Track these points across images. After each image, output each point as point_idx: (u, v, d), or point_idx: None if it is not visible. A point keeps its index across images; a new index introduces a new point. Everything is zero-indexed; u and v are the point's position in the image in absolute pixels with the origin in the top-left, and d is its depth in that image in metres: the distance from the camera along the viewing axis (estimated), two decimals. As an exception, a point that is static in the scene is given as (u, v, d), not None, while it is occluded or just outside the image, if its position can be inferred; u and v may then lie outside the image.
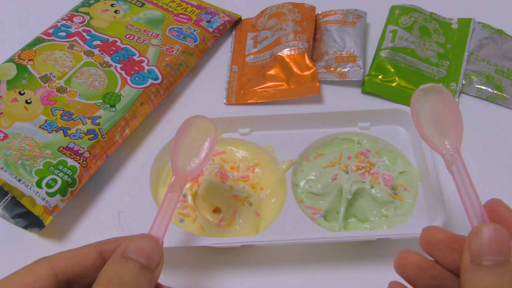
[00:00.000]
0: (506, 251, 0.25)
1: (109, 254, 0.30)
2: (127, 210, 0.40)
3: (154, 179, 0.43)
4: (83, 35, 0.54)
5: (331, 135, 0.46)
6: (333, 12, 0.60)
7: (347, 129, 0.46)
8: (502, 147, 0.50)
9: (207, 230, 0.41)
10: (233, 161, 0.46)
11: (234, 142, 0.47)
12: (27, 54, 0.51)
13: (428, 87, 0.33)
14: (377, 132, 0.46)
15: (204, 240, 0.38)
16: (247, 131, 0.47)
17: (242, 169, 0.45)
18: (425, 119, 0.32)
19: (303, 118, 0.46)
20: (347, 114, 0.46)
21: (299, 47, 0.54)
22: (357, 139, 0.46)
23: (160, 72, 0.52)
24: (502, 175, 0.48)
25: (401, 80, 0.53)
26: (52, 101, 0.48)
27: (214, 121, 0.45)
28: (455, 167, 0.31)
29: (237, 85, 0.55)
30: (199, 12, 0.59)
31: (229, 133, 0.47)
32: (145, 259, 0.29)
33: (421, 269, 0.28)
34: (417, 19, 0.58)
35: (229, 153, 0.46)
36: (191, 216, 0.41)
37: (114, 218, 0.39)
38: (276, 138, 0.46)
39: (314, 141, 0.46)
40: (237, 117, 0.46)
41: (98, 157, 0.46)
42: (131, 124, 0.49)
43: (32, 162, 0.43)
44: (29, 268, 0.29)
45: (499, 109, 0.53)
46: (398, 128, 0.47)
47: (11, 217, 0.43)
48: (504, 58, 0.56)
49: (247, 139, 0.46)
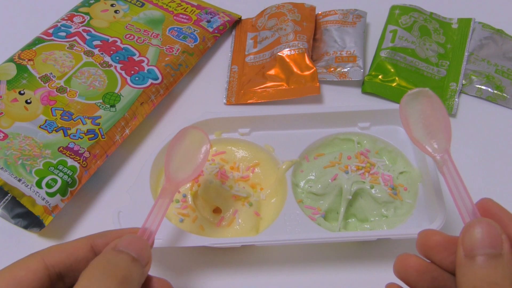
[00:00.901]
0: (499, 244, 0.25)
1: (100, 247, 0.31)
2: (127, 210, 0.40)
3: (154, 179, 0.43)
4: (83, 35, 0.54)
5: (331, 135, 0.46)
6: (333, 12, 0.60)
7: (347, 129, 0.46)
8: (502, 147, 0.50)
9: (207, 230, 0.41)
10: (233, 161, 0.46)
11: (234, 142, 0.47)
12: (27, 54, 0.51)
13: (416, 92, 0.34)
14: (377, 132, 0.46)
15: (204, 240, 0.38)
16: (247, 131, 0.47)
17: (242, 169, 0.45)
18: (414, 123, 0.34)
19: (303, 118, 0.46)
20: (347, 114, 0.46)
21: (299, 47, 0.54)
22: (357, 139, 0.46)
23: (160, 72, 0.52)
24: (502, 175, 0.48)
25: (401, 80, 0.53)
26: (52, 101, 0.48)
27: (214, 121, 0.46)
28: (446, 168, 0.32)
29: (237, 85, 0.55)
30: (199, 12, 0.59)
31: (229, 133, 0.47)
32: (136, 253, 0.29)
33: (421, 272, 0.29)
34: (417, 19, 0.58)
35: (229, 153, 0.46)
36: (191, 216, 0.41)
37: (114, 218, 0.39)
38: (276, 138, 0.46)
39: (314, 141, 0.46)
40: (237, 117, 0.46)
41: (98, 157, 0.46)
42: (131, 124, 0.49)
43: (32, 162, 0.43)
44: (20, 262, 0.29)
45: (499, 109, 0.53)
46: (398, 128, 0.47)
47: (11, 217, 0.43)
48: (504, 58, 0.56)
49: (247, 139, 0.46)
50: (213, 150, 0.46)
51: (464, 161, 0.49)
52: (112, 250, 0.30)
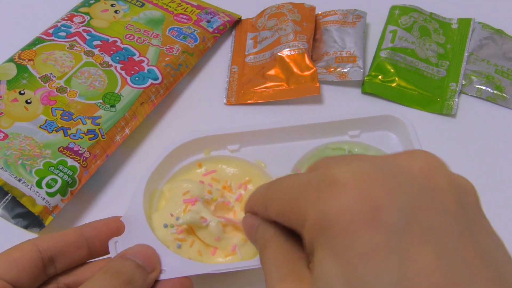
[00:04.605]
0: None
1: (88, 233, 0.34)
2: (124, 240, 0.37)
3: (146, 205, 0.41)
4: (83, 35, 0.54)
5: (322, 146, 0.45)
6: (333, 12, 0.60)
7: (338, 138, 0.46)
8: (502, 147, 0.50)
9: (205, 255, 0.39)
10: (225, 179, 0.44)
11: (224, 160, 0.45)
12: (27, 54, 0.51)
13: None
14: (368, 139, 0.46)
15: (206, 267, 0.36)
16: (236, 147, 0.45)
17: (235, 187, 0.43)
18: None
19: (292, 131, 0.45)
20: (336, 124, 0.45)
21: (299, 47, 0.54)
22: (347, 148, 0.45)
23: (160, 72, 0.52)
24: (502, 175, 0.48)
25: (401, 80, 0.53)
26: (52, 101, 0.48)
27: (202, 140, 0.44)
28: None
29: (237, 85, 0.55)
30: (199, 12, 0.59)
31: (218, 151, 0.45)
32: (141, 260, 0.32)
33: None
34: (417, 19, 0.58)
35: (220, 172, 0.44)
36: (188, 241, 0.39)
37: (111, 248, 0.36)
38: (266, 152, 0.45)
39: (305, 153, 0.44)
40: (225, 134, 0.44)
41: (98, 157, 0.46)
42: (131, 124, 0.49)
43: (32, 162, 0.43)
44: (15, 246, 0.32)
45: (499, 109, 0.53)
46: (389, 134, 0.46)
47: (11, 217, 0.43)
48: (504, 58, 0.56)
49: (238, 155, 0.45)
50: (202, 170, 0.44)
51: (463, 161, 0.49)
52: (120, 258, 0.32)
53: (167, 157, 0.43)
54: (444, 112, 0.52)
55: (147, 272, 0.32)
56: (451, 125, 0.52)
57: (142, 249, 0.33)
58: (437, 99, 0.53)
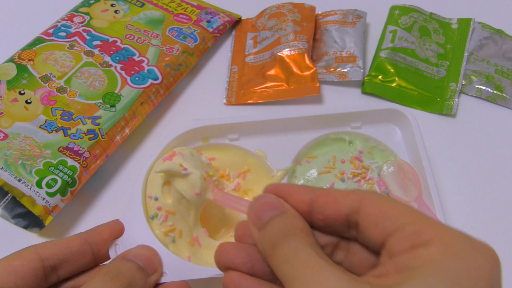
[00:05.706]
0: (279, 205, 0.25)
1: (92, 239, 0.33)
2: (124, 241, 0.36)
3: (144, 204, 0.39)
4: (83, 35, 0.54)
5: (322, 136, 0.45)
6: (333, 12, 0.60)
7: (339, 128, 0.46)
8: (502, 147, 0.50)
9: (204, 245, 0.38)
10: (223, 167, 0.43)
11: (223, 148, 0.45)
12: (27, 54, 0.51)
13: (388, 163, 0.44)
14: (369, 131, 0.46)
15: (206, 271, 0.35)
16: (236, 136, 0.45)
17: (233, 176, 0.43)
18: (392, 186, 0.43)
19: (293, 122, 0.45)
20: (339, 116, 0.45)
21: (299, 47, 0.54)
22: (348, 138, 0.45)
23: (160, 72, 0.52)
24: (502, 175, 0.48)
25: (401, 80, 0.53)
26: (52, 101, 0.48)
27: (202, 129, 0.44)
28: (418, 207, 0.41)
29: (237, 85, 0.55)
30: (199, 12, 0.59)
31: (217, 138, 0.45)
32: (143, 262, 0.32)
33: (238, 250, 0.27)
34: (417, 19, 0.58)
35: (219, 160, 0.44)
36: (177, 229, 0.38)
37: (111, 251, 0.35)
38: (265, 142, 0.45)
39: (305, 144, 0.44)
40: (226, 124, 0.44)
41: (98, 157, 0.46)
42: (131, 124, 0.49)
43: (32, 162, 0.43)
44: (16, 253, 0.31)
45: (499, 109, 0.53)
46: (391, 127, 0.46)
47: (11, 217, 0.43)
48: (504, 58, 0.56)
49: (237, 144, 0.44)
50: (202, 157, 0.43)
51: (463, 161, 0.49)
52: (121, 259, 0.32)
53: (168, 146, 0.42)
54: (444, 112, 0.52)
55: (148, 274, 0.32)
56: (451, 125, 0.52)
57: (143, 251, 0.33)
58: (437, 99, 0.53)
